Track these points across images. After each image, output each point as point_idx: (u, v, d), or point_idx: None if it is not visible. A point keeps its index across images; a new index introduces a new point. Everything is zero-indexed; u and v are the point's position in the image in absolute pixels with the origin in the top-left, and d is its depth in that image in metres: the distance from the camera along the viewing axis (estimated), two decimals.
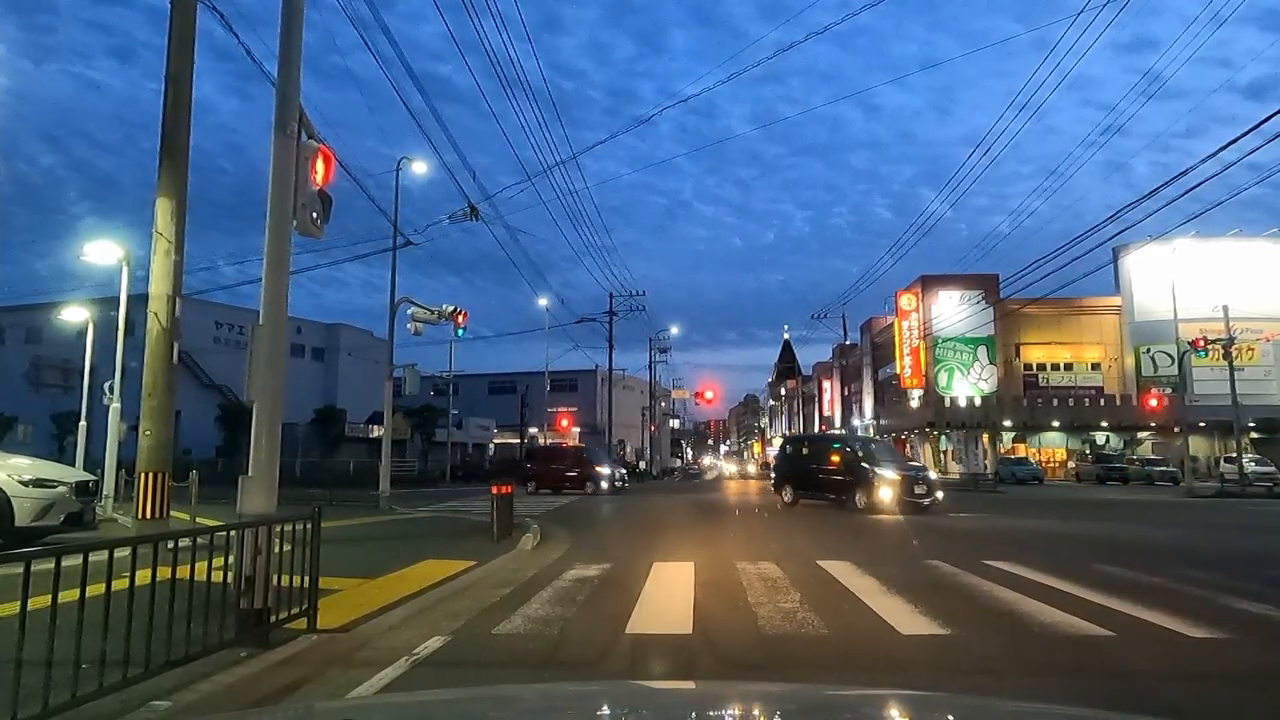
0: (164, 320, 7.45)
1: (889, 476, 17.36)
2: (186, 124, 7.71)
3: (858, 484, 17.90)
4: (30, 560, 3.03)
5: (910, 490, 17.23)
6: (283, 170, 5.32)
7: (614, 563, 8.84)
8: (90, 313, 21.03)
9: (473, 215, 20.06)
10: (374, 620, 5.52)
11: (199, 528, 5.63)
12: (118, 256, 15.28)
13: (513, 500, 11.50)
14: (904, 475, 17.54)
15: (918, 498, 17.26)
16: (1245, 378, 35.58)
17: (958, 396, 49.35)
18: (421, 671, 4.38)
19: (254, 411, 5.21)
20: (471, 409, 60.53)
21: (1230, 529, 14.73)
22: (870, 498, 17.35)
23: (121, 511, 13.55)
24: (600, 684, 3.53)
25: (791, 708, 1.94)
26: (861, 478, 17.83)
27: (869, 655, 4.90)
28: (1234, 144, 13.51)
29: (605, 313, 46.30)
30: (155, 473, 7.28)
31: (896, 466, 18.05)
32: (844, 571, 8.04)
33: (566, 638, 5.28)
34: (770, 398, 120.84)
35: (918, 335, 50.91)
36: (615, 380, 51.83)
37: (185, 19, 7.75)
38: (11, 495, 8.45)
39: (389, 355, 19.81)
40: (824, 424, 77.39)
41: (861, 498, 17.64)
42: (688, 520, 15.99)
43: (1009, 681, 4.34)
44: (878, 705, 2.09)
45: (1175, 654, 4.94)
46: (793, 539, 12.10)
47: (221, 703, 3.64)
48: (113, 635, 3.32)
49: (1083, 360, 50.90)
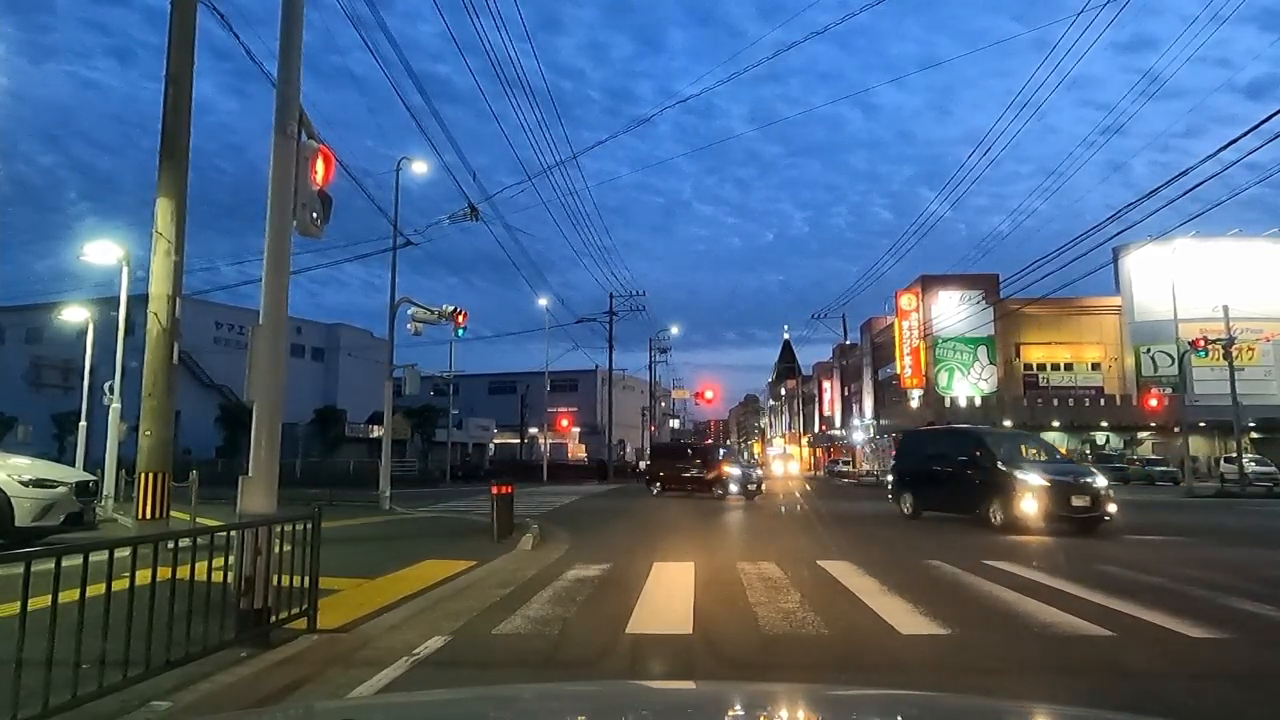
0: (164, 320, 7.45)
1: (1033, 483, 12.88)
2: (187, 124, 7.71)
3: (993, 492, 13.49)
4: (30, 560, 3.03)
5: (1065, 502, 12.66)
6: (283, 170, 5.31)
7: (614, 563, 8.84)
8: (90, 313, 21.04)
9: (473, 215, 20.06)
10: (374, 620, 5.52)
11: (199, 528, 5.64)
12: (118, 256, 15.30)
13: (513, 500, 11.50)
14: (1054, 481, 12.90)
15: (1077, 512, 12.71)
16: (1245, 378, 35.58)
17: (958, 396, 49.34)
18: (421, 671, 4.38)
19: (254, 411, 5.21)
20: (471, 409, 60.56)
21: (1233, 533, 14.74)
22: (1009, 511, 12.97)
23: (121, 511, 13.55)
24: (600, 684, 3.53)
25: (791, 708, 1.95)
26: (998, 484, 13.41)
27: (869, 655, 4.91)
28: (1234, 144, 13.52)
29: (605, 313, 46.38)
30: (155, 473, 7.28)
31: (1045, 469, 13.42)
32: (844, 571, 8.04)
33: (566, 638, 5.28)
34: (770, 398, 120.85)
35: (918, 335, 50.91)
36: (615, 380, 51.86)
37: (185, 19, 7.75)
38: (11, 495, 8.44)
39: (389, 355, 19.81)
40: (824, 424, 77.38)
41: (997, 511, 13.28)
42: (688, 520, 15.99)
43: (1009, 681, 4.34)
44: (878, 705, 2.09)
45: (1175, 654, 4.93)
46: (793, 539, 12.10)
47: (221, 703, 3.64)
48: (113, 635, 3.32)
49: (1083, 360, 50.89)
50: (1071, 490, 12.83)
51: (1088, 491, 12.93)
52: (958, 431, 17.12)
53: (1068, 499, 12.69)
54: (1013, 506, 12.90)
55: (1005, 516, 13.02)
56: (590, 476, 46.67)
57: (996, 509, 13.29)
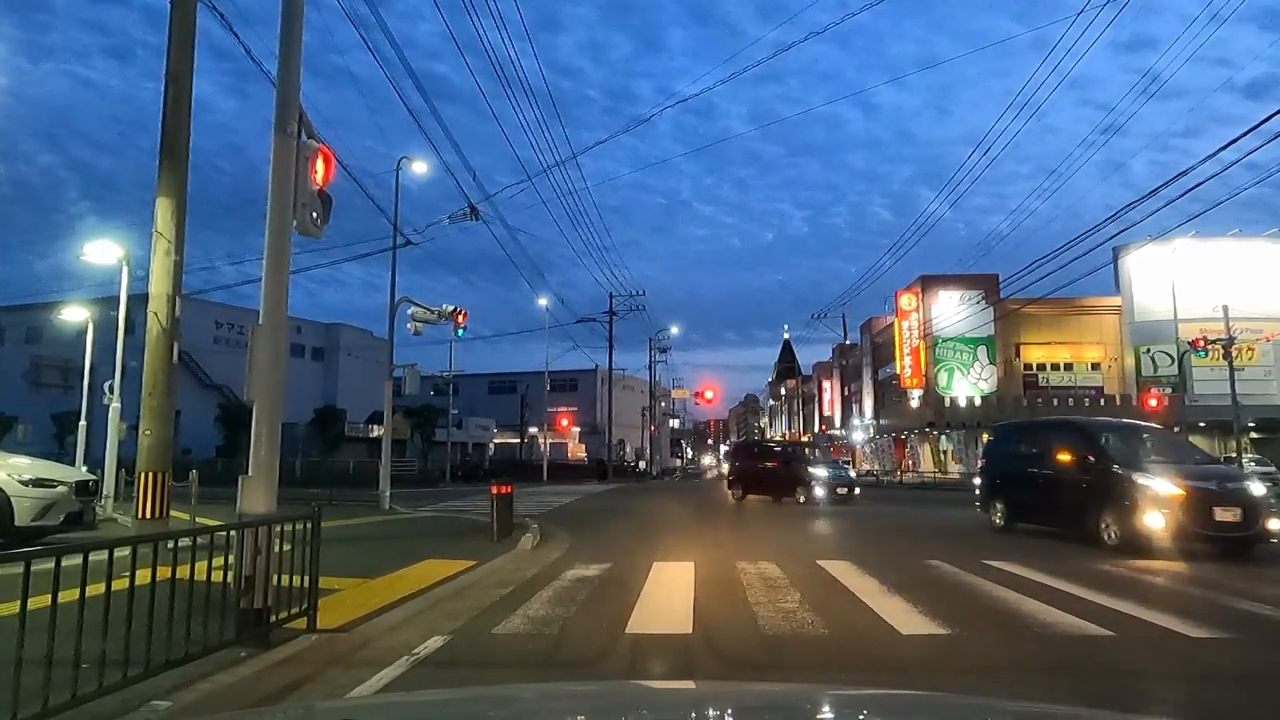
0: (164, 320, 7.45)
1: (1161, 490, 9.79)
2: (186, 124, 7.70)
3: (1106, 502, 10.41)
4: (30, 560, 3.04)
5: (1206, 516, 9.59)
6: (282, 170, 5.32)
7: (614, 562, 8.84)
8: (90, 313, 21.04)
9: (472, 215, 20.07)
10: (374, 620, 5.52)
11: (199, 528, 5.64)
12: (117, 256, 15.29)
13: (513, 500, 11.51)
14: (1191, 488, 9.74)
15: (1223, 529, 9.64)
16: (1245, 378, 35.60)
17: (958, 396, 49.33)
18: (421, 671, 4.38)
19: (254, 411, 5.21)
20: (471, 409, 60.53)
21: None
22: (1127, 527, 9.95)
23: (121, 511, 13.54)
24: (600, 684, 3.53)
25: (791, 708, 1.94)
26: (1112, 491, 10.34)
27: (869, 655, 4.91)
28: (1233, 144, 13.52)
29: (605, 313, 46.43)
30: (155, 472, 7.28)
31: (1180, 472, 10.17)
32: (844, 571, 8.04)
33: (566, 638, 5.29)
34: (770, 398, 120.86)
35: (918, 335, 50.91)
36: (615, 380, 51.89)
37: (185, 18, 7.74)
38: (11, 495, 8.45)
39: (389, 355, 19.81)
40: (824, 424, 77.37)
41: (1111, 527, 10.22)
42: (688, 520, 15.99)
43: (1009, 681, 4.34)
44: (878, 705, 2.09)
45: (1175, 654, 4.93)
46: (793, 539, 12.11)
47: (221, 703, 3.64)
48: (112, 635, 3.32)
49: (1083, 360, 50.87)
50: (1215, 500, 9.70)
51: (1238, 502, 9.80)
52: (1060, 424, 14.39)
53: (1209, 512, 9.62)
54: (1132, 521, 9.88)
55: (1122, 533, 10.01)
56: (590, 476, 46.69)
57: (1110, 523, 10.26)
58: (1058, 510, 11.73)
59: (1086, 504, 10.79)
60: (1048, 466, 12.03)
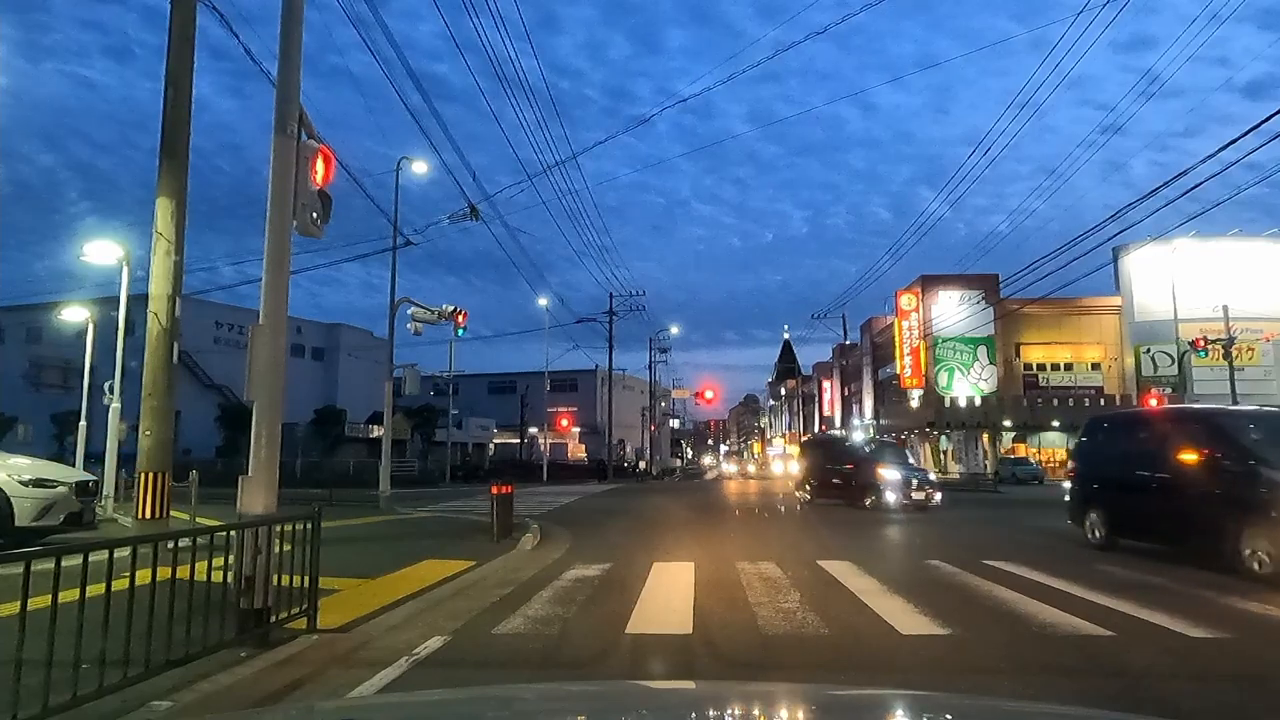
0: (164, 320, 7.46)
1: None
2: (186, 124, 7.71)
3: (1248, 516, 7.93)
4: (30, 560, 3.03)
5: None
6: (282, 170, 5.32)
7: (614, 562, 8.84)
8: (90, 313, 21.01)
9: (472, 215, 20.07)
10: (374, 620, 5.52)
11: (199, 528, 5.64)
12: (117, 256, 15.28)
13: (512, 500, 11.50)
14: None
15: None
16: (1245, 378, 35.59)
17: (958, 396, 49.33)
18: (421, 671, 4.38)
19: (254, 411, 5.21)
20: (471, 409, 60.50)
21: None
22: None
23: (121, 511, 13.54)
24: (600, 684, 3.53)
25: (791, 708, 1.94)
26: (1257, 501, 7.89)
27: (869, 655, 4.91)
28: (1233, 144, 13.51)
29: (605, 313, 46.42)
30: (155, 473, 7.29)
31: None
32: (844, 571, 8.04)
33: (566, 638, 5.28)
34: (770, 398, 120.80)
35: (918, 335, 50.89)
36: (615, 380, 51.87)
37: (185, 18, 7.75)
38: (11, 495, 8.44)
39: (389, 355, 19.82)
40: (824, 424, 77.36)
41: (1262, 551, 7.68)
42: (688, 520, 15.99)
43: (1009, 681, 4.33)
44: (878, 705, 2.09)
45: (1175, 654, 4.93)
46: (793, 539, 12.10)
47: (221, 703, 3.64)
48: (113, 635, 3.32)
49: (1083, 360, 50.86)
50: None
51: None
52: (1178, 415, 11.54)
53: None
54: None
55: (1276, 551, 7.54)
56: (590, 476, 46.70)
57: (1259, 545, 7.73)
58: (1175, 524, 9.16)
59: (1216, 519, 8.34)
60: (1162, 469, 9.49)
